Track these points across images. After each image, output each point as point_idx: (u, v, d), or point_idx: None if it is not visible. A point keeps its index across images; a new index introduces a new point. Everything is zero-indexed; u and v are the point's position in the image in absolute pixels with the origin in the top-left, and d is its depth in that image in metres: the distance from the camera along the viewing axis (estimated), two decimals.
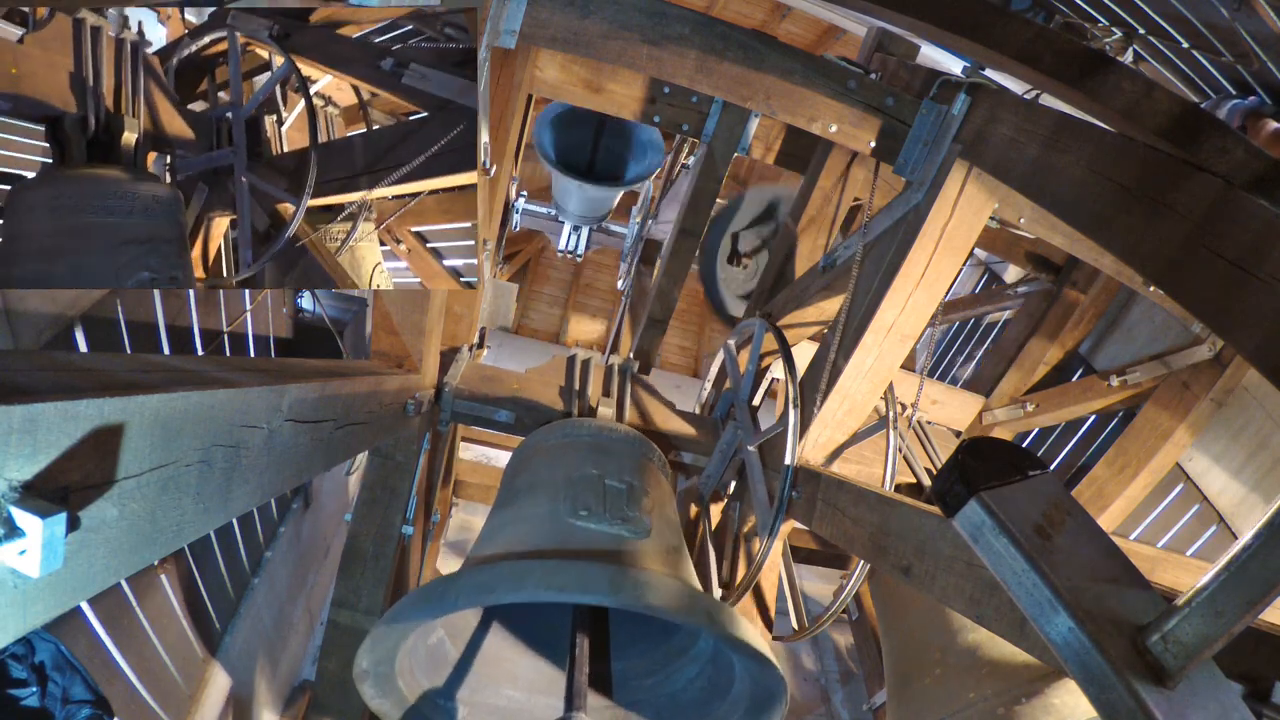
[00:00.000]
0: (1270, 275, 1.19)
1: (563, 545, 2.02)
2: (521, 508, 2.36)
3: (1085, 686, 1.11)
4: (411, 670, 2.21)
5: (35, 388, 0.88)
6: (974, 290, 7.31)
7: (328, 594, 4.96)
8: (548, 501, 2.28)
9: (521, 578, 1.71)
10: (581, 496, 2.24)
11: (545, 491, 2.36)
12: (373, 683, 2.05)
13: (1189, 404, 3.60)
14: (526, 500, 2.39)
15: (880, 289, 2.54)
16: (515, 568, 1.78)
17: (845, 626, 6.41)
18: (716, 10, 8.49)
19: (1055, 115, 1.95)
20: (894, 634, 3.09)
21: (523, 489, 2.54)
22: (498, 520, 2.44)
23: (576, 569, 1.78)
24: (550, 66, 3.36)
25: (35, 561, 0.82)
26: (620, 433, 2.93)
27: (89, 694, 2.39)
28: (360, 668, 1.98)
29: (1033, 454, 1.31)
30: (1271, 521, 1.00)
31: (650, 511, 2.34)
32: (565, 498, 2.26)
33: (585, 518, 2.14)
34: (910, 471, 3.36)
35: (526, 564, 1.82)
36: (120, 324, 3.16)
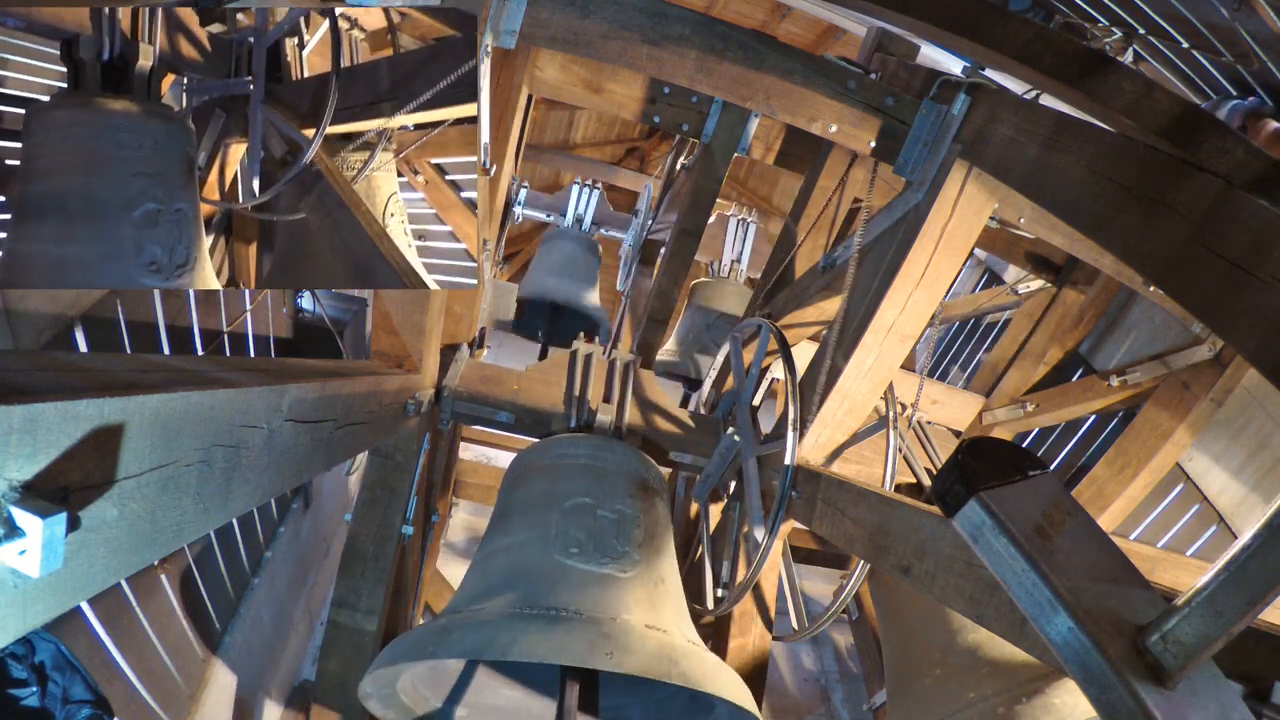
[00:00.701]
0: (1270, 275, 1.19)
1: (553, 588, 2.14)
2: (515, 534, 2.50)
3: (1085, 686, 1.11)
4: (414, 685, 2.30)
5: (35, 388, 0.88)
6: (974, 290, 7.31)
7: (328, 594, 4.96)
8: (540, 535, 2.41)
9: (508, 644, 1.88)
10: (572, 532, 2.37)
11: (538, 520, 2.49)
12: (377, 701, 2.22)
13: (1189, 404, 3.59)
14: (520, 525, 2.53)
15: (880, 289, 2.54)
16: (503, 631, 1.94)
17: (845, 626, 6.41)
18: (716, 10, 8.49)
19: (1055, 115, 1.95)
20: (894, 634, 3.09)
21: (517, 510, 2.66)
22: (492, 546, 2.56)
23: (559, 637, 1.92)
24: (550, 66, 3.36)
25: (35, 561, 0.82)
26: (616, 453, 2.94)
27: (89, 694, 2.39)
28: (364, 692, 2.15)
29: (1033, 454, 1.31)
30: (1271, 521, 1.00)
31: (641, 543, 2.45)
32: (557, 533, 2.38)
33: (575, 556, 2.27)
34: (910, 471, 3.36)
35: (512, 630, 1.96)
36: (120, 324, 3.16)
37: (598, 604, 2.09)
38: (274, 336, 5.06)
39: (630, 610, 2.11)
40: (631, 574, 2.28)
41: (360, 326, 5.70)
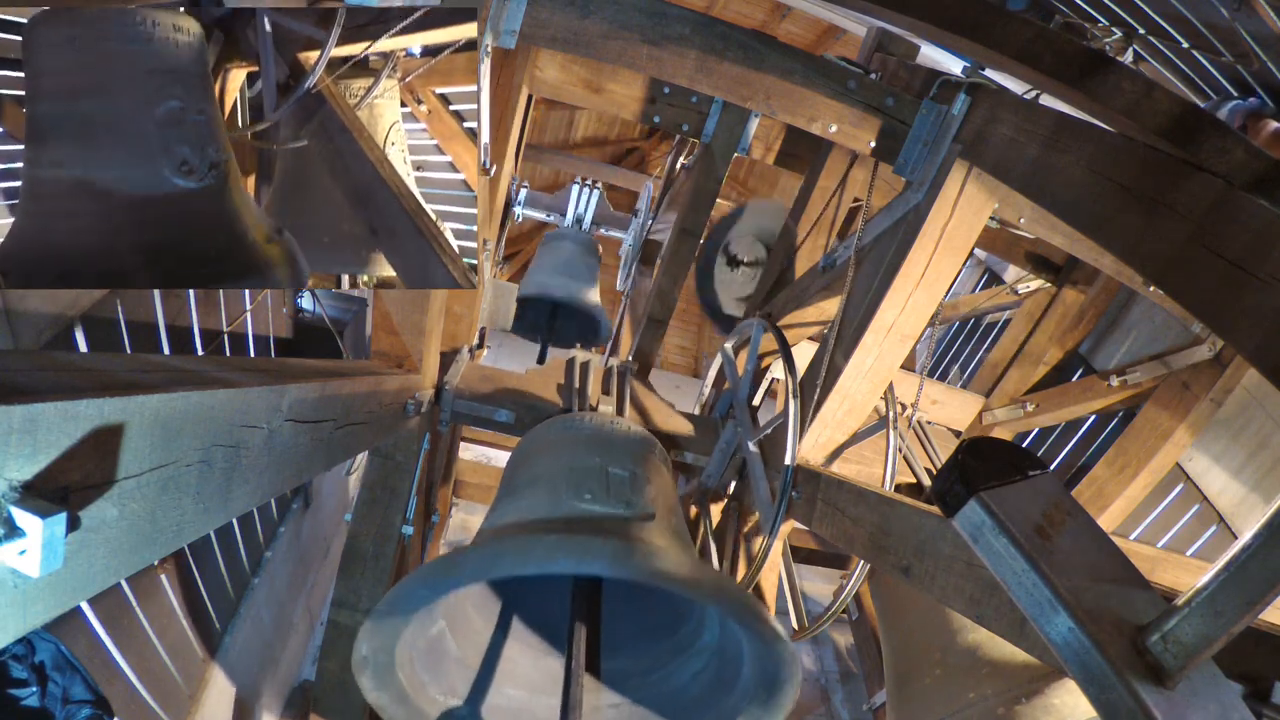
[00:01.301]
0: (1270, 275, 1.19)
1: (568, 523, 2.02)
2: (522, 498, 2.34)
3: (1085, 686, 1.11)
4: (412, 662, 2.16)
5: (35, 388, 0.88)
6: (974, 290, 7.31)
7: (328, 594, 4.96)
8: (550, 490, 2.26)
9: (526, 550, 1.71)
10: (585, 482, 2.23)
11: (546, 482, 2.34)
12: (372, 673, 2.00)
13: (1189, 404, 3.59)
14: (527, 492, 2.37)
15: (880, 289, 2.54)
16: (520, 541, 1.79)
17: (845, 626, 6.41)
18: (716, 10, 8.49)
19: (1055, 115, 1.95)
20: (894, 634, 3.09)
21: (523, 484, 2.51)
22: (498, 513, 2.41)
23: (582, 540, 1.78)
24: (550, 66, 3.36)
25: (35, 561, 0.82)
26: (622, 426, 2.91)
27: (89, 694, 2.39)
28: (360, 654, 1.95)
29: (1033, 454, 1.31)
30: (1271, 521, 1.00)
31: (654, 500, 2.32)
32: (568, 485, 2.24)
33: (589, 501, 2.14)
34: (910, 471, 3.36)
35: (531, 537, 1.82)
36: (120, 324, 3.16)
37: (616, 532, 1.98)
38: (274, 336, 5.06)
39: (652, 539, 1.99)
40: (647, 521, 2.15)
41: (360, 326, 5.71)
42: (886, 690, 3.09)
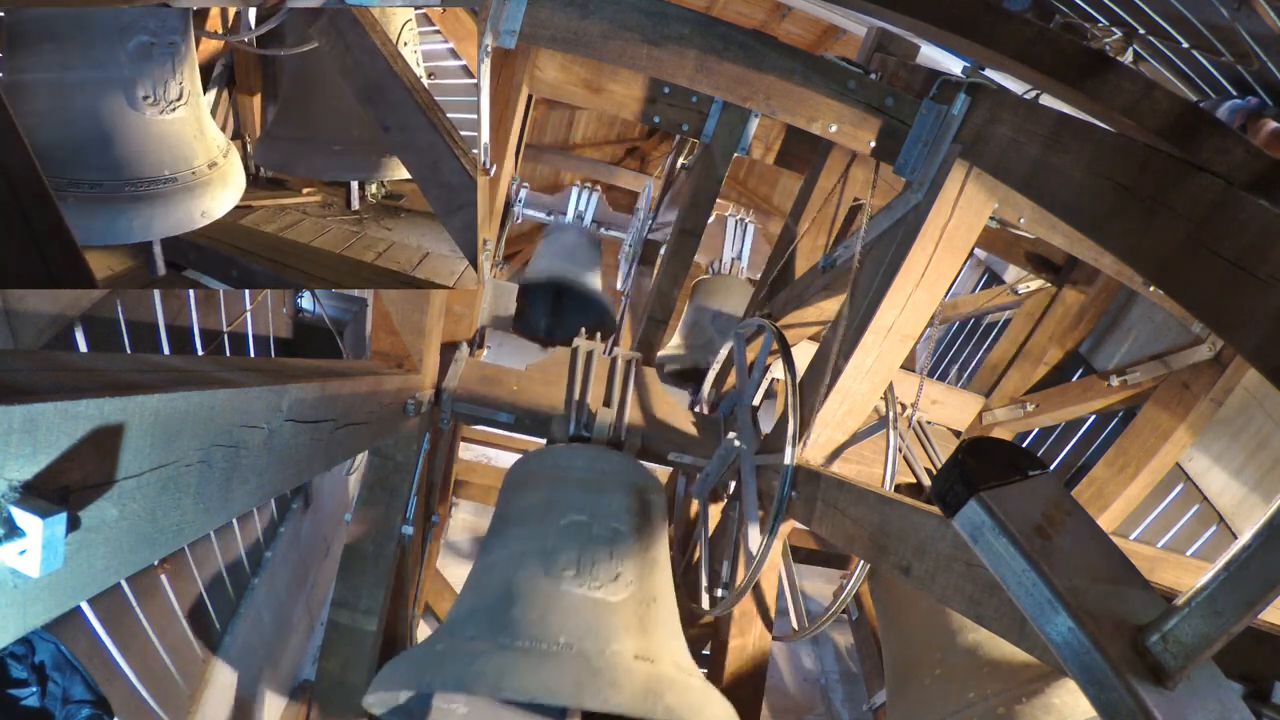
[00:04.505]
0: (1270, 275, 1.19)
1: (544, 616, 2.24)
2: (512, 545, 2.61)
3: (1085, 686, 1.11)
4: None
5: (35, 388, 0.88)
6: (974, 290, 7.31)
7: (328, 594, 4.96)
8: (537, 549, 2.51)
9: (498, 680, 2.00)
10: (566, 551, 2.48)
11: (535, 534, 2.58)
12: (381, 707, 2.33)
13: (1189, 404, 3.59)
14: (517, 537, 2.63)
15: (880, 289, 2.54)
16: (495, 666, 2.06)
17: (845, 626, 6.41)
18: (716, 10, 8.49)
19: (1055, 115, 1.95)
20: (894, 634, 3.09)
21: (515, 519, 2.75)
22: (490, 557, 2.64)
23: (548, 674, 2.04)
24: (550, 66, 3.36)
25: (35, 561, 0.82)
26: (614, 463, 2.97)
27: (89, 694, 2.39)
28: (367, 702, 2.29)
29: (1033, 454, 1.31)
30: (1271, 521, 1.00)
31: (635, 560, 2.52)
32: (551, 550, 2.49)
33: (569, 580, 2.38)
34: (910, 471, 3.36)
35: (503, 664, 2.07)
36: (120, 324, 3.16)
37: (588, 633, 2.19)
38: (274, 336, 5.06)
39: (620, 639, 2.21)
40: (624, 596, 2.38)
41: (360, 326, 5.70)
42: (886, 690, 3.09)
